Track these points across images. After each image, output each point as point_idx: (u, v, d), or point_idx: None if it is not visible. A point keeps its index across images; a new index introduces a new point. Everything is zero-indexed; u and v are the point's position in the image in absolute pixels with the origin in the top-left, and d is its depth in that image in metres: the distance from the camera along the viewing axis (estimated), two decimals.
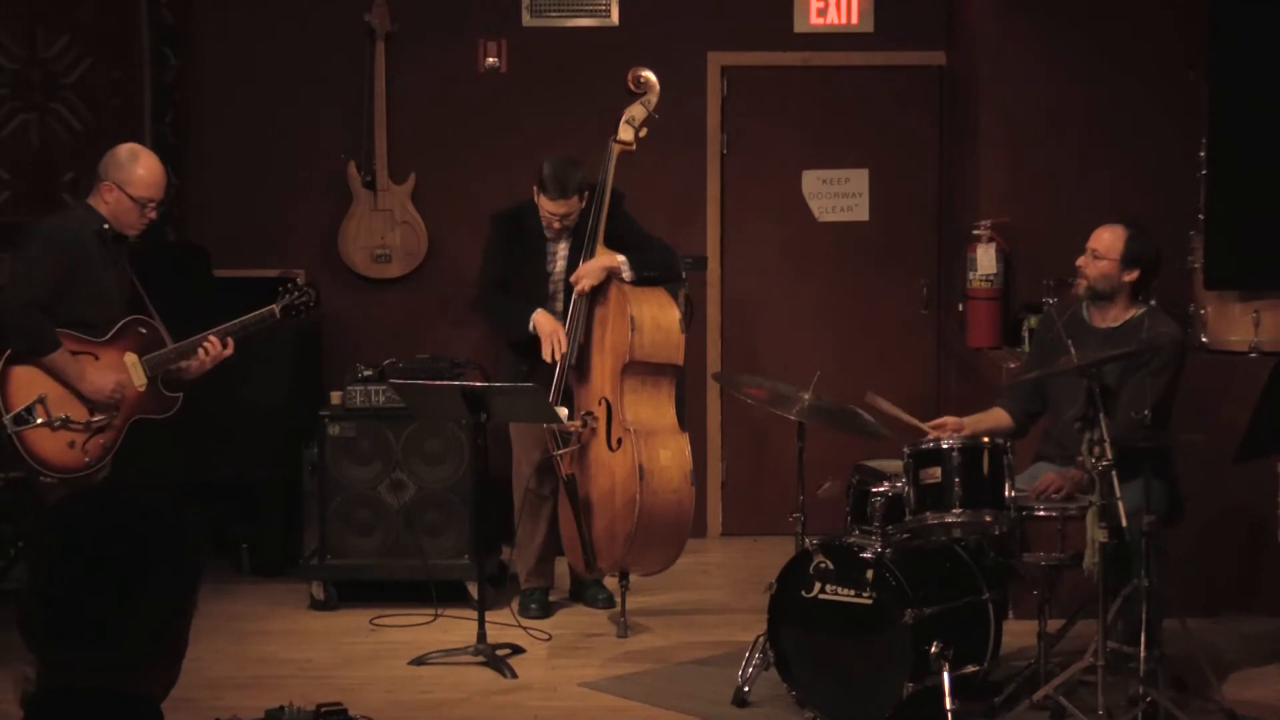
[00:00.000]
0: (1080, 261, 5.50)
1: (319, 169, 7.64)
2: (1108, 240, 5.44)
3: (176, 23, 7.58)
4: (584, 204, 6.18)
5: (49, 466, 5.35)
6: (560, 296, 6.27)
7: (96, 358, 5.46)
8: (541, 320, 6.15)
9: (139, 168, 5.46)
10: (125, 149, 5.56)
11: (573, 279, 6.16)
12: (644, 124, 6.24)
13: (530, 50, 7.73)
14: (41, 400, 5.34)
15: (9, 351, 5.38)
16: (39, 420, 5.31)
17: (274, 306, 5.73)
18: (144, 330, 5.55)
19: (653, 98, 6.26)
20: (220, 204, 7.58)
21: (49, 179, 7.48)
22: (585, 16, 7.75)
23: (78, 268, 5.40)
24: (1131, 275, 5.42)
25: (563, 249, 6.29)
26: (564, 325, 6.14)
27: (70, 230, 5.44)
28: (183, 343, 5.57)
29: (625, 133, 6.23)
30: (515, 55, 7.72)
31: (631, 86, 6.27)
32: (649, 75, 6.27)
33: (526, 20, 7.73)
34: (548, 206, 6.17)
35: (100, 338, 5.47)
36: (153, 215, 5.54)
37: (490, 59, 7.72)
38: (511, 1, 7.72)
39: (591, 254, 6.15)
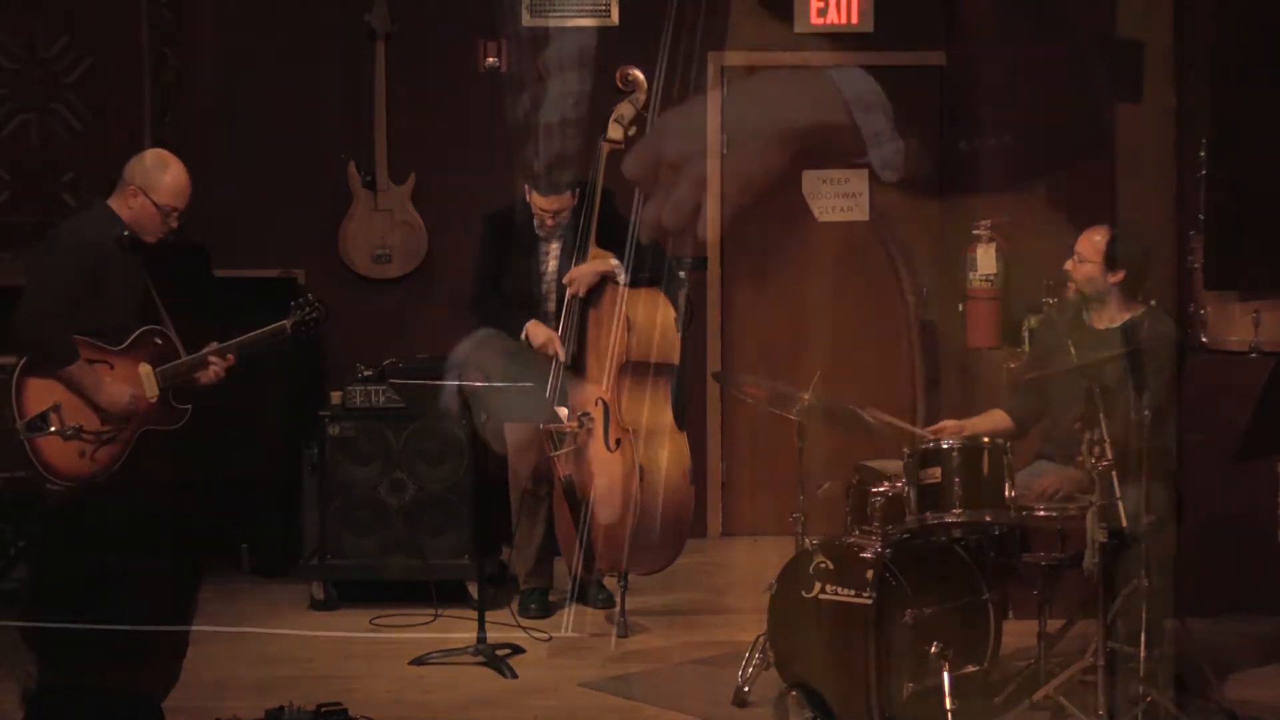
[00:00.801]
0: (1068, 265, 5.49)
1: (319, 169, 7.64)
2: (1091, 243, 5.43)
3: (176, 23, 7.58)
4: (575, 201, 6.19)
5: (58, 475, 5.32)
6: (552, 297, 6.27)
7: (111, 366, 5.44)
8: (535, 332, 6.15)
9: (166, 175, 5.45)
10: (152, 154, 5.56)
11: (565, 281, 6.15)
12: (633, 122, 6.23)
13: (530, 50, 7.72)
14: (56, 408, 5.32)
15: (25, 359, 5.37)
16: (52, 429, 5.28)
17: (285, 322, 5.70)
18: (159, 341, 5.52)
19: (641, 96, 6.25)
20: (220, 204, 7.55)
21: (49, 179, 7.47)
22: (585, 16, 7.74)
23: (96, 275, 5.37)
24: (1117, 277, 5.40)
25: (554, 249, 6.28)
26: (558, 327, 6.15)
27: (89, 236, 5.41)
28: (195, 356, 5.54)
29: (614, 131, 6.21)
30: (515, 55, 7.72)
31: (620, 85, 6.26)
32: (637, 73, 6.26)
33: (526, 20, 7.73)
34: (540, 203, 6.17)
35: (115, 346, 5.45)
36: (174, 224, 5.52)
37: (490, 59, 7.72)
38: (511, 1, 7.72)
39: (584, 256, 6.14)
